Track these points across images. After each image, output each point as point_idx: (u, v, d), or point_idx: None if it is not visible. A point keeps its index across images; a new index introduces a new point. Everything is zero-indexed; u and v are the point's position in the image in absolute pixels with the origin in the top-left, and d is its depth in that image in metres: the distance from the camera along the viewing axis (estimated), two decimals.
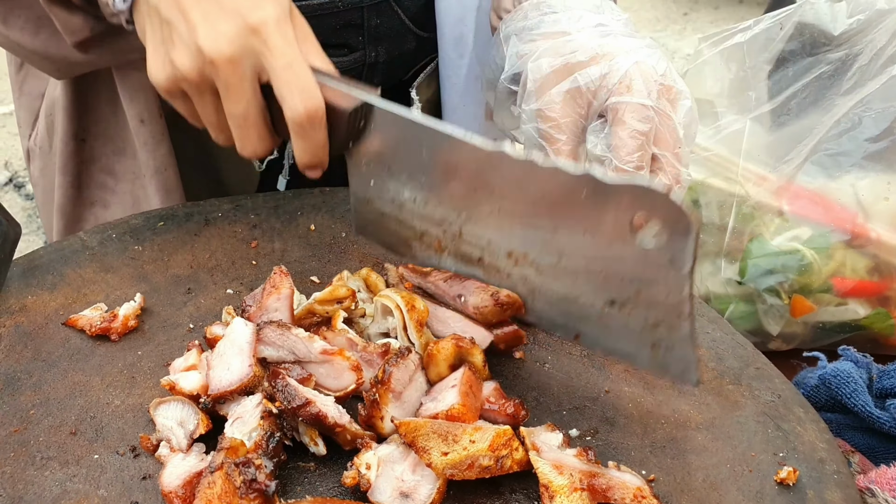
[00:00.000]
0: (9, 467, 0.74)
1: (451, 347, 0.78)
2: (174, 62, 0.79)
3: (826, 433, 0.79)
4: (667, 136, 0.87)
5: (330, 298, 0.82)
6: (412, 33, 1.19)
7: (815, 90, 1.08)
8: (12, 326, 0.87)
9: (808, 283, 1.06)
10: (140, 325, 0.88)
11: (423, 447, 0.69)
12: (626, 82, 0.88)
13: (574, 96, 0.90)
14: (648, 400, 0.82)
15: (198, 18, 0.78)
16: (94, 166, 1.15)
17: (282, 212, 1.03)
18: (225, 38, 0.77)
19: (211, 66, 0.78)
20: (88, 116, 1.14)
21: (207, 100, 0.81)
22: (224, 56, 0.77)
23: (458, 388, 0.75)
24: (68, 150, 1.14)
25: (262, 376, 0.74)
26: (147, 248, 0.97)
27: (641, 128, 0.86)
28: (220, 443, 0.68)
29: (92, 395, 0.81)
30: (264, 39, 0.78)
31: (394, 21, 1.16)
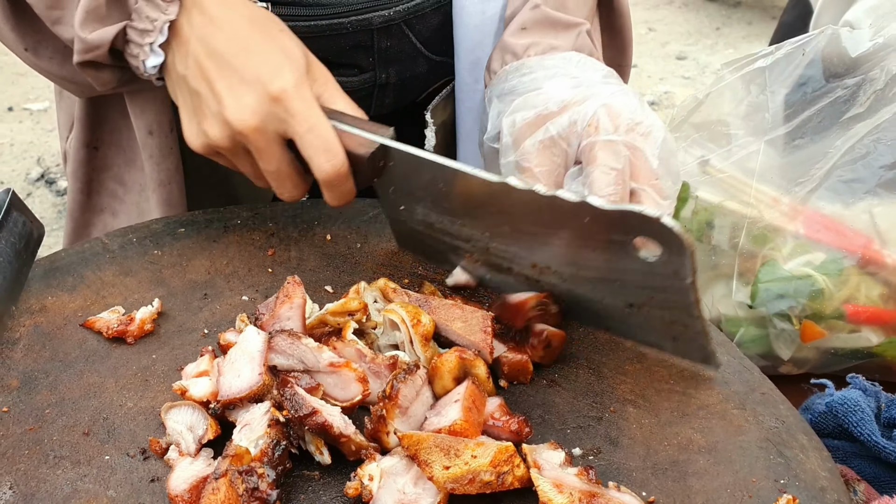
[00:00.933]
0: (23, 464, 0.76)
1: (455, 360, 0.79)
2: (207, 132, 0.88)
3: (829, 462, 0.79)
4: (642, 169, 0.89)
5: (342, 311, 0.84)
6: (424, 56, 1.20)
7: (830, 115, 1.09)
8: (31, 326, 0.89)
9: (821, 309, 1.06)
10: (156, 329, 0.90)
11: (425, 460, 0.70)
12: (594, 123, 0.90)
13: (548, 146, 0.92)
14: (653, 421, 0.83)
15: (223, 91, 0.86)
16: (106, 174, 1.18)
17: (299, 221, 1.05)
18: (249, 110, 0.85)
19: (240, 136, 0.86)
20: (102, 126, 1.17)
21: (243, 159, 0.90)
22: (250, 127, 0.85)
23: (461, 402, 0.76)
24: (80, 157, 1.17)
25: (271, 384, 0.76)
26: (166, 252, 1.00)
27: (613, 164, 0.87)
28: (226, 449, 0.69)
29: (106, 396, 0.83)
30: (286, 107, 0.85)
31: (405, 44, 1.17)
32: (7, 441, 0.78)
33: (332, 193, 0.90)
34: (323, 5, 1.09)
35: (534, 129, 0.93)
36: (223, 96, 0.85)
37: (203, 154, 0.91)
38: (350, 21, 1.10)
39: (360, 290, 0.90)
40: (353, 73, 1.16)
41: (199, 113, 0.88)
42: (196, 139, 0.90)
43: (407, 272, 0.99)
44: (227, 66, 0.86)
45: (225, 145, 0.88)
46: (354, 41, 1.13)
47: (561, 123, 0.91)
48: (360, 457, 0.74)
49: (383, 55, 1.16)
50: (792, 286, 1.04)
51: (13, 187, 3.36)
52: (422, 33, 1.17)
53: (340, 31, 1.11)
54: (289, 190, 0.91)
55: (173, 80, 0.91)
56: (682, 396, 0.85)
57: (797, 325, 1.04)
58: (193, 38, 0.88)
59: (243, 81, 0.85)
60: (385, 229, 1.03)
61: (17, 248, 0.94)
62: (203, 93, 0.87)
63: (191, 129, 0.90)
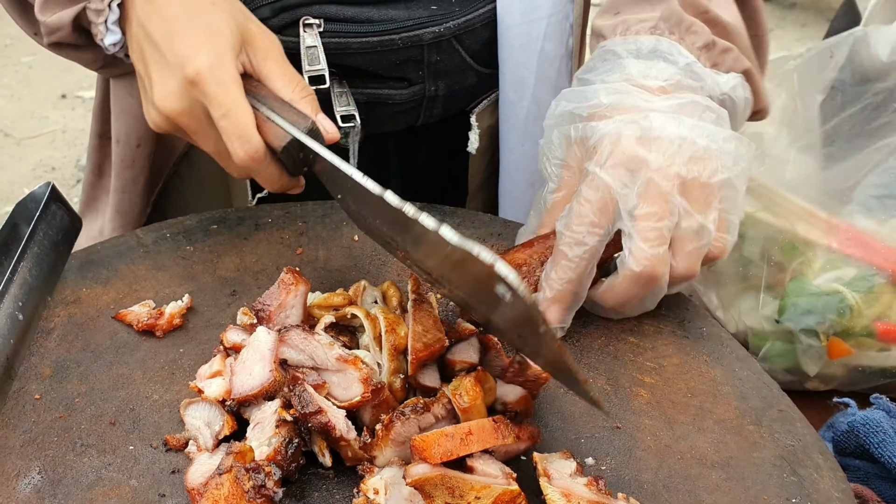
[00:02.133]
0: (51, 451, 0.79)
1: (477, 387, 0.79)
2: (150, 115, 0.90)
3: (843, 482, 0.79)
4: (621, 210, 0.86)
5: (326, 304, 0.86)
6: (473, 70, 1.20)
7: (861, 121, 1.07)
8: (66, 317, 0.92)
9: (850, 326, 1.04)
10: (184, 324, 0.93)
11: (428, 493, 0.71)
12: (598, 149, 0.88)
13: (569, 144, 0.92)
14: (667, 434, 0.83)
15: (153, 75, 0.88)
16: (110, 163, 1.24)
17: (328, 221, 1.06)
18: (173, 96, 0.86)
19: (172, 120, 0.87)
20: (111, 119, 1.21)
21: (193, 139, 0.91)
22: (176, 111, 0.86)
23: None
24: (93, 144, 1.24)
25: (282, 381, 0.77)
26: (198, 248, 1.02)
27: (590, 196, 0.86)
28: (230, 447, 0.71)
29: (133, 388, 0.85)
30: (202, 89, 0.85)
31: (455, 58, 1.17)
32: (38, 427, 0.81)
33: (259, 178, 0.90)
34: (374, 22, 1.10)
35: (564, 121, 0.94)
36: (154, 80, 0.87)
37: (162, 133, 0.92)
38: (401, 38, 1.11)
39: (361, 289, 0.91)
40: (403, 85, 1.17)
41: (145, 96, 0.90)
42: (148, 120, 0.91)
43: None
44: (156, 49, 0.87)
45: (166, 128, 0.89)
46: (405, 56, 1.13)
47: (581, 130, 0.91)
48: (357, 464, 0.75)
49: (433, 69, 1.16)
50: (820, 302, 1.03)
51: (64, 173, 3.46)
52: (471, 47, 1.17)
53: (391, 48, 1.11)
54: (233, 170, 0.92)
55: (132, 61, 0.93)
56: (699, 410, 0.86)
57: (824, 341, 1.03)
58: (135, 19, 0.89)
59: (168, 65, 0.86)
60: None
61: (55, 239, 0.97)
62: (143, 75, 0.89)
63: (145, 110, 0.91)
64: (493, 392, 0.82)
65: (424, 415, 0.78)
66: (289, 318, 0.86)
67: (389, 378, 0.81)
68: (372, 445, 0.76)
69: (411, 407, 0.78)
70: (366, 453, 0.77)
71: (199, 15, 0.87)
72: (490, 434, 0.76)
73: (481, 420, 0.77)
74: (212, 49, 0.85)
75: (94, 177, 1.26)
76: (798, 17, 4.82)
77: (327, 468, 0.78)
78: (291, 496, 0.76)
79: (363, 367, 0.79)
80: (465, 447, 0.74)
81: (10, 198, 3.23)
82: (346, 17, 1.09)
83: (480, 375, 0.80)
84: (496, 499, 0.72)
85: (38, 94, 3.88)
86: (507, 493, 0.72)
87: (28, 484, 0.76)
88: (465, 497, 0.72)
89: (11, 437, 0.80)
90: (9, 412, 0.82)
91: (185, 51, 0.85)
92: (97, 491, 0.76)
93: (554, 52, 1.16)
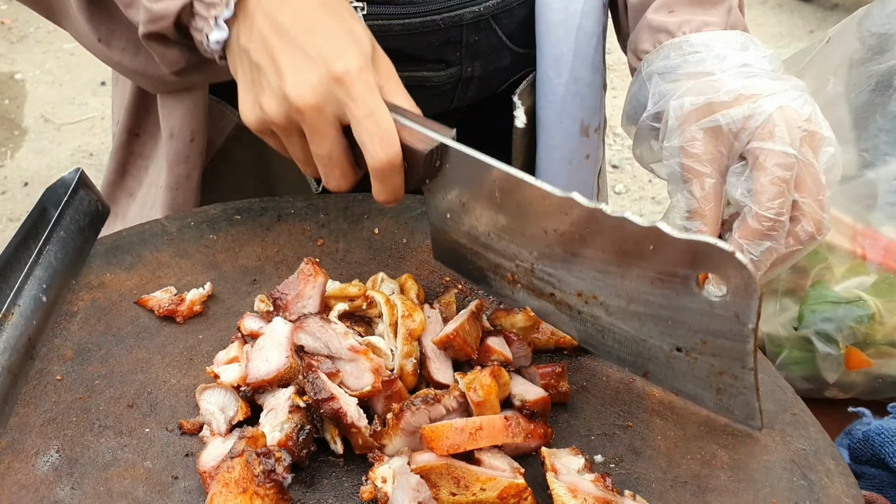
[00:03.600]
0: (70, 430, 0.81)
1: (493, 381, 0.80)
2: (263, 107, 0.85)
3: (854, 489, 0.78)
4: (809, 182, 0.87)
5: (341, 295, 0.87)
6: (508, 49, 1.22)
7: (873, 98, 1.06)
8: (89, 301, 0.94)
9: (871, 334, 1.03)
10: (205, 311, 0.94)
11: (434, 482, 0.72)
12: (769, 127, 0.87)
13: (715, 135, 0.90)
14: (678, 434, 0.83)
15: (285, 66, 0.83)
16: (141, 161, 1.24)
17: (349, 213, 1.07)
18: (310, 87, 0.82)
19: (297, 113, 0.83)
20: (147, 116, 1.22)
21: (295, 140, 0.88)
22: (309, 104, 0.82)
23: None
24: (120, 141, 1.23)
25: (297, 369, 0.78)
26: (221, 237, 1.04)
27: (783, 175, 0.86)
28: (243, 431, 0.72)
29: (152, 372, 0.87)
30: (347, 89, 0.82)
31: (492, 38, 1.19)
32: (58, 408, 0.83)
33: (382, 186, 0.87)
34: (416, 3, 1.12)
35: (702, 115, 0.91)
36: (285, 71, 0.83)
37: (256, 131, 0.89)
38: (442, 18, 1.13)
39: (378, 280, 0.92)
40: (441, 67, 1.19)
41: (258, 86, 0.86)
42: (251, 113, 0.88)
43: (448, 271, 1.00)
44: (291, 41, 0.84)
45: (280, 122, 0.85)
46: (445, 37, 1.15)
47: (733, 116, 0.89)
48: (367, 452, 0.76)
49: (471, 49, 1.18)
50: (840, 310, 1.02)
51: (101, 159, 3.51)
52: (508, 27, 1.19)
53: (433, 28, 1.13)
54: (336, 178, 0.89)
55: (234, 54, 0.89)
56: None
57: (843, 349, 1.02)
58: (259, 11, 0.86)
59: (307, 58, 0.83)
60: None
61: (81, 224, 0.99)
62: (264, 66, 0.85)
63: (246, 103, 0.88)
64: (508, 387, 0.83)
65: (435, 406, 0.78)
66: (305, 308, 0.87)
67: (401, 361, 0.82)
68: (382, 434, 0.77)
69: (422, 398, 0.78)
70: (376, 441, 0.78)
71: (341, 19, 0.86)
72: (500, 431, 0.76)
73: (493, 417, 0.77)
74: (360, 52, 0.84)
75: (115, 176, 1.25)
76: (840, 18, 4.75)
77: (338, 456, 0.79)
78: (301, 482, 0.77)
79: (374, 357, 0.80)
80: (474, 442, 0.75)
81: (48, 182, 3.27)
82: (389, 0, 1.11)
83: (496, 371, 0.81)
84: (501, 491, 0.73)
85: (79, 80, 3.93)
86: (513, 487, 0.73)
87: (46, 462, 0.78)
88: (470, 488, 0.72)
89: (32, 416, 0.82)
90: (31, 392, 0.84)
91: (331, 49, 0.83)
92: (112, 471, 0.77)
93: (591, 30, 1.18)
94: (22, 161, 3.47)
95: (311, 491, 0.77)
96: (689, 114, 0.92)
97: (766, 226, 0.86)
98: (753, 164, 0.87)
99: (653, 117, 0.98)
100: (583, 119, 1.23)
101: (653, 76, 1.00)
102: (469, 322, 0.85)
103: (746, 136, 0.88)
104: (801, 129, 0.87)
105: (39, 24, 4.27)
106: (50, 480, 0.76)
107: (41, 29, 4.26)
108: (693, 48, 0.98)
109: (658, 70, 1.00)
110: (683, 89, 0.94)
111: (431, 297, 0.97)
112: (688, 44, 0.99)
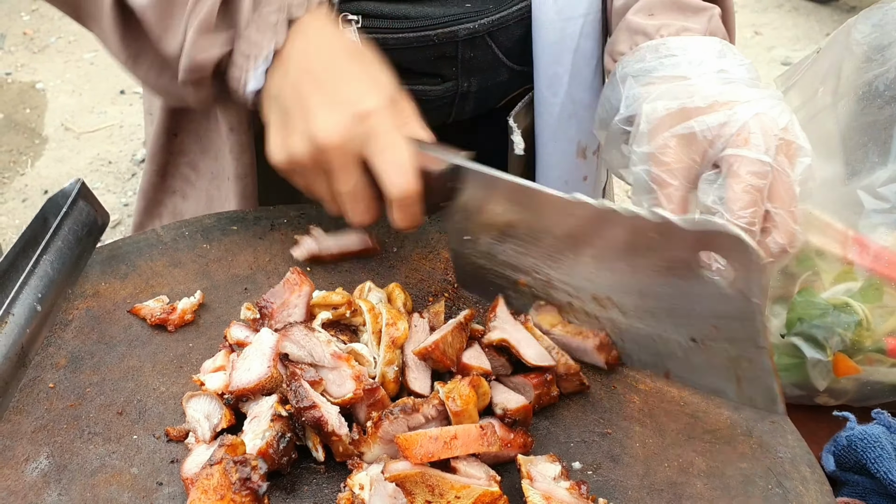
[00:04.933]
0: (60, 437, 0.83)
1: (471, 391, 0.81)
2: (290, 148, 0.90)
3: (828, 496, 0.79)
4: (782, 192, 0.85)
5: (324, 303, 0.88)
6: (506, 66, 1.22)
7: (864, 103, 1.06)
8: (84, 310, 0.97)
9: (860, 340, 1.03)
10: (196, 319, 0.96)
11: (409, 490, 0.73)
12: (745, 135, 0.86)
13: (689, 142, 0.88)
14: (657, 441, 0.84)
15: (314, 108, 0.88)
16: (182, 159, 1.26)
17: (342, 223, 1.09)
18: (336, 128, 0.87)
19: (322, 153, 0.88)
20: (185, 115, 1.23)
21: (320, 179, 0.92)
22: (334, 143, 0.87)
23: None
24: (160, 142, 1.24)
25: (279, 378, 0.80)
26: (214, 247, 1.06)
27: (756, 183, 0.84)
28: (223, 439, 0.74)
29: (142, 379, 0.89)
30: (370, 125, 0.87)
31: (488, 55, 1.20)
32: (49, 415, 0.85)
33: (401, 214, 0.90)
34: (411, 18, 1.13)
35: (675, 120, 0.89)
36: (313, 113, 0.88)
37: (283, 170, 0.93)
38: (437, 34, 1.14)
39: (365, 289, 0.94)
40: (437, 81, 1.20)
41: (287, 128, 0.90)
42: (280, 153, 0.92)
43: (438, 280, 1.02)
44: (321, 87, 0.89)
45: (305, 162, 0.90)
46: (440, 52, 1.16)
47: (707, 122, 0.87)
48: (347, 459, 0.78)
49: (467, 65, 1.19)
50: (828, 317, 1.02)
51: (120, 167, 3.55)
52: (504, 44, 1.20)
53: (427, 44, 1.14)
54: (360, 213, 0.92)
55: (267, 100, 0.93)
56: (691, 419, 0.86)
57: (831, 356, 1.02)
58: (293, 61, 0.91)
59: (334, 101, 0.88)
60: (422, 236, 1.06)
61: (79, 234, 1.01)
62: (294, 110, 0.90)
63: (276, 144, 0.92)
64: (487, 397, 0.84)
65: (414, 415, 0.80)
66: (291, 317, 0.89)
67: (383, 369, 0.83)
68: (361, 441, 0.79)
69: (401, 406, 0.80)
70: (355, 449, 0.79)
71: (366, 66, 0.92)
72: (475, 440, 0.77)
73: (468, 426, 0.79)
74: (383, 95, 0.89)
75: (157, 178, 1.27)
76: None
77: (319, 463, 0.81)
78: (282, 489, 0.79)
79: (356, 364, 0.81)
80: (448, 451, 0.76)
81: None
82: (383, 14, 1.13)
83: (476, 381, 0.82)
84: (476, 500, 0.74)
85: (99, 89, 3.99)
86: (488, 495, 0.74)
87: (35, 468, 0.80)
88: (444, 496, 0.73)
89: (24, 423, 0.84)
90: (24, 399, 0.86)
91: (357, 92, 0.89)
92: (99, 477, 0.79)
93: (590, 52, 1.17)
94: (42, 169, 3.53)
95: (291, 497, 0.78)
96: (662, 119, 0.90)
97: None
98: (727, 172, 0.86)
99: (625, 121, 0.97)
100: (579, 141, 1.23)
101: (627, 78, 0.98)
102: (453, 333, 0.86)
103: (721, 143, 0.87)
104: (777, 138, 0.86)
105: (60, 35, 4.34)
106: (38, 486, 0.78)
107: (62, 39, 4.32)
108: (670, 51, 0.97)
109: (633, 72, 0.98)
110: (657, 93, 0.93)
111: (420, 306, 0.98)
112: (664, 47, 0.97)
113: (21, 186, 3.43)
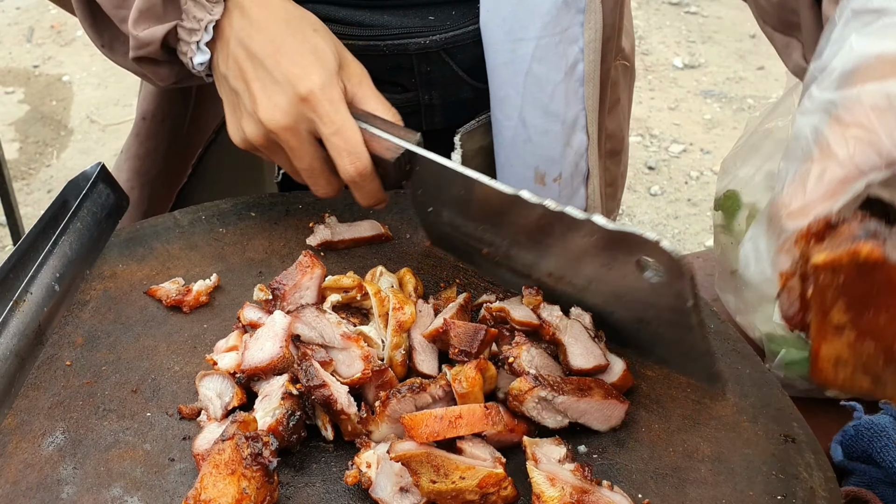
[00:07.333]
0: (76, 413, 0.85)
1: (478, 374, 0.82)
2: (244, 130, 0.95)
3: (832, 482, 0.79)
4: None
5: (335, 286, 0.90)
6: (467, 84, 1.18)
7: None
8: (101, 290, 0.98)
9: None
10: (210, 301, 0.98)
11: (414, 470, 0.74)
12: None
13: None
14: (662, 427, 0.85)
15: (257, 91, 0.92)
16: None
17: (356, 209, 1.10)
18: (280, 110, 0.91)
19: (273, 134, 0.92)
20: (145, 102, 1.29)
21: (279, 155, 0.96)
22: (281, 126, 0.91)
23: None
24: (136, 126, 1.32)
25: (291, 358, 0.82)
26: (230, 231, 1.07)
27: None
28: (235, 416, 0.76)
29: (157, 359, 0.91)
30: (313, 107, 0.90)
31: (445, 70, 1.16)
32: (66, 392, 0.87)
33: (359, 193, 0.95)
34: (365, 26, 1.12)
35: (890, 70, 0.61)
36: (257, 97, 0.91)
37: (243, 149, 0.97)
38: (386, 45, 1.13)
39: (377, 273, 0.95)
40: (398, 90, 1.18)
41: (238, 111, 0.95)
42: (236, 135, 0.97)
43: (450, 266, 1.03)
44: (261, 66, 0.92)
45: (261, 143, 0.94)
46: (394, 63, 1.15)
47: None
48: (355, 438, 0.79)
49: (425, 78, 1.17)
50: None
51: None
52: (464, 62, 1.16)
53: (377, 54, 1.12)
54: (322, 187, 0.96)
55: (218, 78, 0.97)
56: (697, 405, 0.87)
57: None
58: (233, 38, 0.94)
59: (275, 82, 0.91)
60: None
61: (98, 217, 1.03)
62: (241, 92, 0.93)
63: (232, 126, 0.97)
64: (494, 381, 0.85)
65: (421, 394, 0.81)
66: (303, 299, 0.90)
67: (391, 352, 0.84)
68: (369, 420, 0.80)
69: (409, 386, 0.81)
70: (363, 428, 0.80)
71: (305, 38, 0.94)
72: (480, 420, 0.78)
73: (473, 405, 0.79)
74: (322, 70, 0.91)
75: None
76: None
77: (328, 441, 0.82)
78: (291, 466, 0.80)
79: (364, 345, 0.82)
80: (453, 430, 0.77)
81: None
82: (336, 19, 1.12)
83: (482, 364, 0.83)
84: (481, 480, 0.75)
85: (123, 82, 4.03)
86: (492, 476, 0.75)
87: (52, 443, 0.82)
88: (449, 476, 0.74)
89: (41, 399, 0.86)
90: (41, 376, 0.88)
91: (296, 70, 0.91)
92: (113, 452, 0.81)
93: (545, 76, 1.10)
94: (68, 161, 3.57)
95: (300, 475, 0.80)
96: (870, 63, 0.62)
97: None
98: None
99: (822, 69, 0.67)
100: (537, 167, 1.16)
101: (845, 12, 0.68)
102: (457, 314, 0.87)
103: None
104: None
105: None
106: (54, 460, 0.80)
107: None
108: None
109: (857, 7, 0.67)
110: (874, 28, 0.64)
111: (432, 291, 0.99)
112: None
113: (46, 178, 3.48)
